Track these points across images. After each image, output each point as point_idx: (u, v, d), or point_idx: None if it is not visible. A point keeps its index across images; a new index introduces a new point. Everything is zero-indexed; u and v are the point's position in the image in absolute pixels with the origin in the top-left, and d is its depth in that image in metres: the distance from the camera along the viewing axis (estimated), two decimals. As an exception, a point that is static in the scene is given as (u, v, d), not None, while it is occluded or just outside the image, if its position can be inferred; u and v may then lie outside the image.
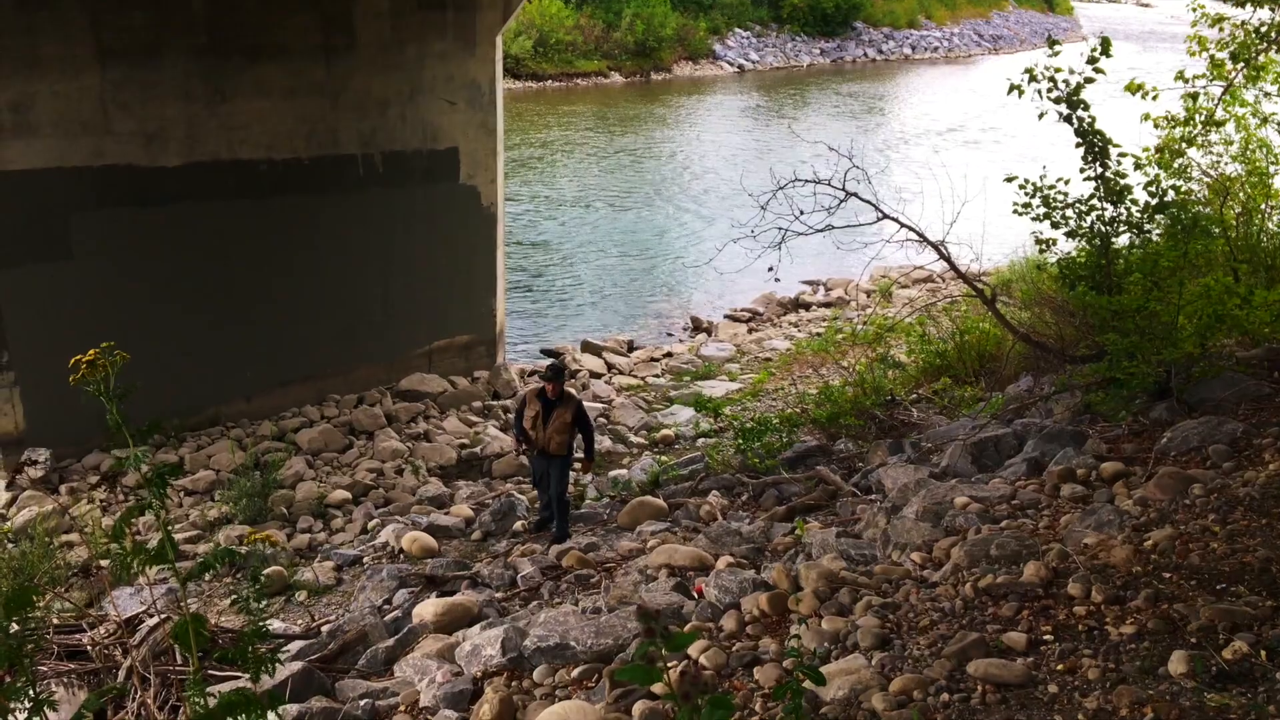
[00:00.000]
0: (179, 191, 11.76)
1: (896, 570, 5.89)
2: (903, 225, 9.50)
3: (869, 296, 19.10)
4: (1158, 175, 8.49)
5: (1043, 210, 8.23)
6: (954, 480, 7.60)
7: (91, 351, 2.85)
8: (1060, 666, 4.23)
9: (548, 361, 15.95)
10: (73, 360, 2.87)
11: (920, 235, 9.54)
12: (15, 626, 2.58)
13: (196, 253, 11.98)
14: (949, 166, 12.23)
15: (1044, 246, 8.55)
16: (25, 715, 2.51)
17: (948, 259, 9.62)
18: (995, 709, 4.02)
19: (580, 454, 9.85)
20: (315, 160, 12.67)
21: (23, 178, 10.77)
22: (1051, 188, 8.27)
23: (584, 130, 35.59)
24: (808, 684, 4.14)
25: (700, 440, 12.59)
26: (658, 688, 2.28)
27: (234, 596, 2.94)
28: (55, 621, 6.73)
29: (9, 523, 10.06)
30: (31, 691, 2.47)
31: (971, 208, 10.14)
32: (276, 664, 2.97)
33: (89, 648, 6.14)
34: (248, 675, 2.78)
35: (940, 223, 9.95)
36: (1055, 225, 8.24)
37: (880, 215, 9.57)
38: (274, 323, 12.58)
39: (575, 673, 5.35)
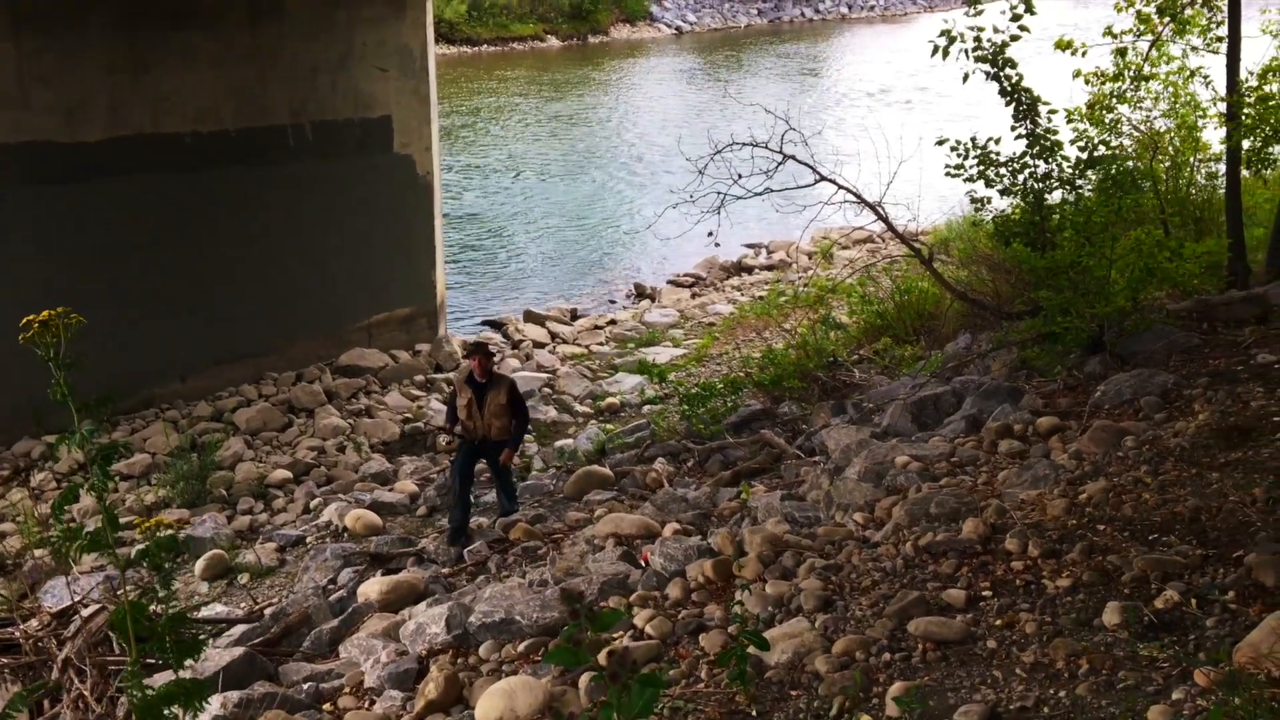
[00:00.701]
0: (102, 167, 11.41)
1: (839, 531, 5.94)
2: (840, 187, 9.52)
3: (810, 259, 19.18)
4: (1086, 131, 8.58)
5: (976, 170, 8.29)
6: (895, 440, 7.67)
7: (45, 312, 2.71)
8: (999, 622, 4.29)
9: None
10: (24, 320, 2.73)
11: (858, 196, 9.57)
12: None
13: (123, 230, 11.64)
14: (885, 127, 12.27)
15: (979, 205, 8.62)
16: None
17: (885, 219, 9.67)
18: (936, 666, 4.07)
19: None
20: (244, 131, 12.35)
21: (-65, 156, 10.38)
22: (983, 148, 8.32)
23: (520, 96, 35.17)
24: (752, 649, 4.17)
25: (645, 407, 12.58)
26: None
27: (139, 589, 2.84)
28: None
29: (-65, 514, 9.77)
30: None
31: (908, 167, 10.19)
32: (202, 649, 2.89)
33: (21, 641, 5.98)
34: (171, 665, 2.70)
35: (878, 183, 9.98)
36: (989, 184, 8.30)
37: (818, 177, 9.58)
38: (206, 300, 12.29)
39: (521, 647, 5.33)
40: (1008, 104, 8.15)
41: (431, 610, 6.04)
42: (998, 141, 8.35)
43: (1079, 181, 8.35)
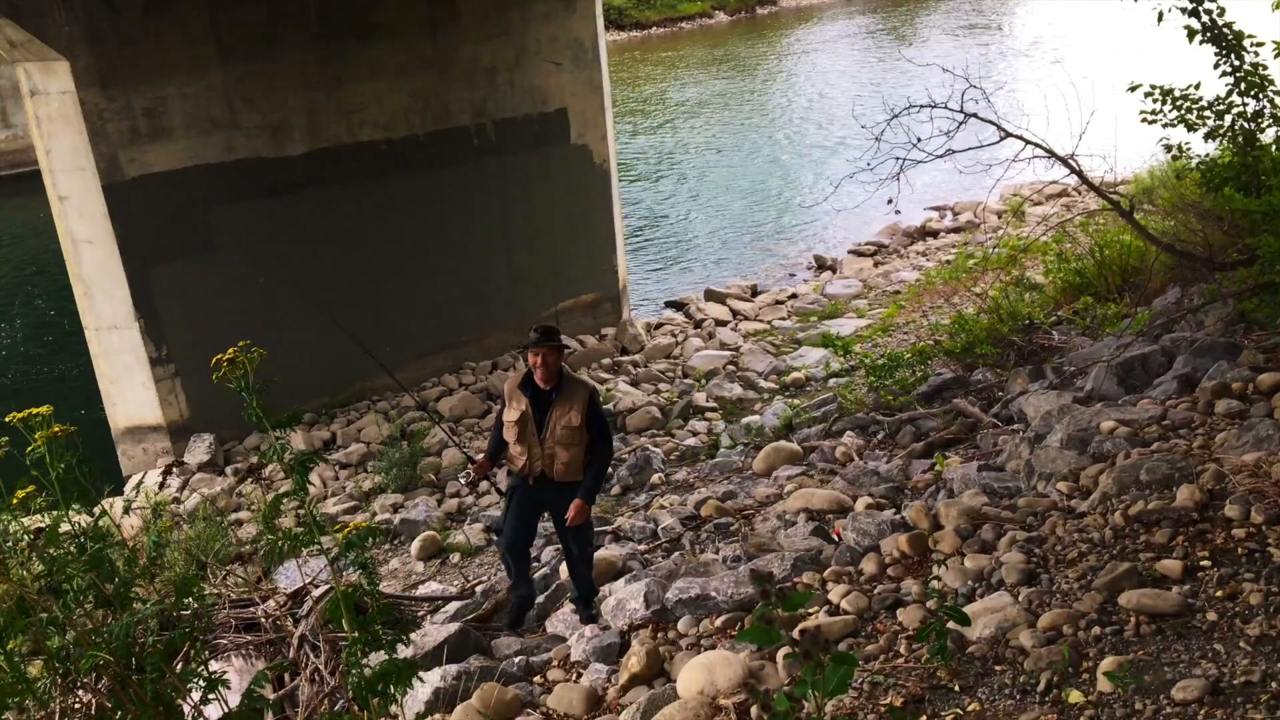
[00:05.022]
0: (306, 178, 12.21)
1: (1041, 502, 5.74)
2: (1028, 142, 9.10)
3: (999, 218, 18.43)
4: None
5: (1174, 115, 7.76)
6: (1099, 404, 7.33)
7: (231, 350, 3.01)
8: (1219, 593, 4.07)
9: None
10: (214, 359, 3.04)
11: (1048, 150, 9.12)
12: (187, 610, 2.77)
13: (328, 236, 12.44)
14: (1072, 79, 11.62)
15: (1178, 154, 8.07)
16: (200, 695, 2.72)
17: (1079, 172, 9.17)
18: (1150, 640, 3.90)
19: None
20: (431, 135, 12.95)
21: (164, 179, 11.37)
22: (1184, 94, 7.77)
23: (690, 75, 35.21)
24: (952, 624, 4.11)
25: (831, 381, 12.46)
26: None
27: (352, 587, 3.08)
28: (231, 597, 7.20)
29: (182, 505, 10.77)
30: (205, 671, 2.67)
31: (1101, 117, 9.62)
32: (411, 631, 3.11)
33: (262, 619, 6.55)
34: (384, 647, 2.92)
35: (1068, 135, 9.48)
36: (1191, 128, 7.76)
37: (1003, 134, 9.19)
38: (407, 297, 12.99)
39: (718, 622, 5.43)
40: (1204, 41, 7.57)
41: (630, 586, 6.22)
42: (1198, 86, 7.78)
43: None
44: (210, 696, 2.68)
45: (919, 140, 9.10)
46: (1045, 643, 4.05)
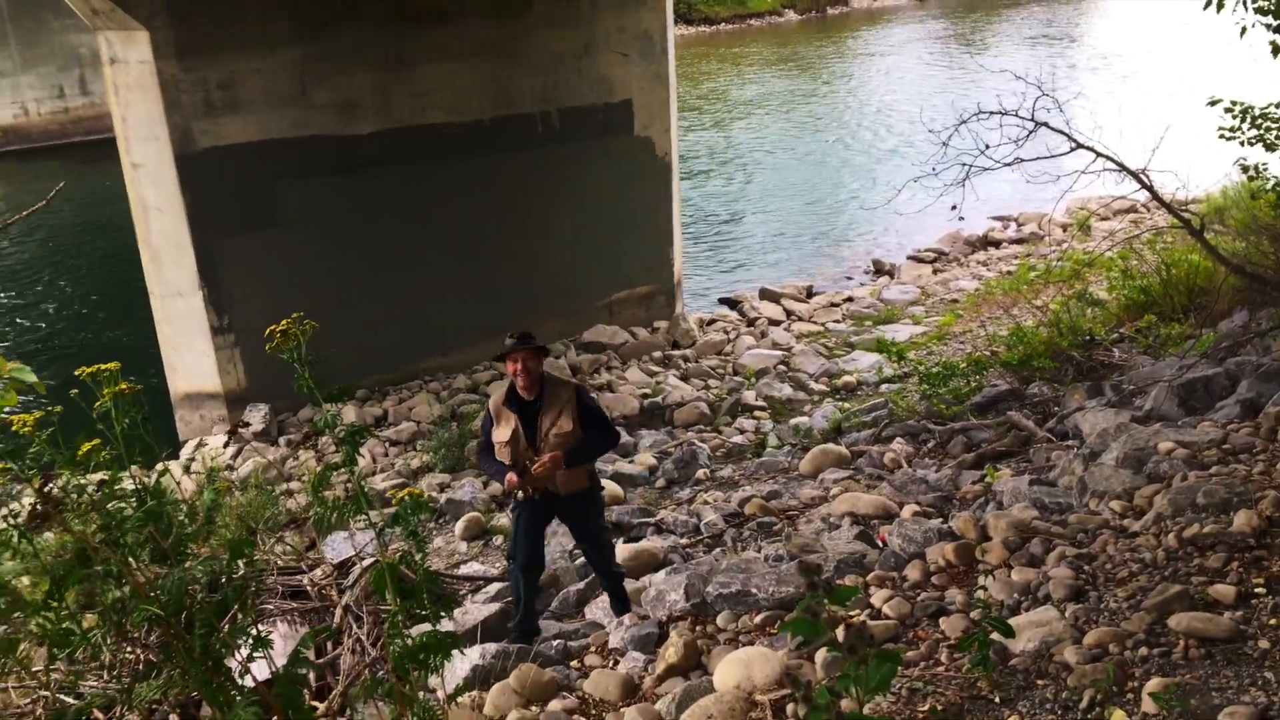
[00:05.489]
0: (372, 158, 12.35)
1: (1093, 519, 5.65)
2: (1099, 154, 8.93)
3: (1065, 231, 18.13)
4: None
5: (1254, 133, 7.58)
6: (1158, 424, 7.20)
7: (285, 321, 3.05)
8: (1273, 621, 3.98)
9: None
10: (267, 330, 3.09)
11: (1119, 164, 8.94)
12: (239, 572, 2.83)
13: (391, 216, 12.58)
14: (1147, 91, 11.39)
15: (1254, 174, 7.88)
16: (247, 652, 2.78)
17: (1149, 188, 8.99)
18: (1199, 664, 3.83)
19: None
20: (497, 120, 13.04)
21: (236, 151, 11.57)
22: (1264, 113, 7.58)
23: (757, 72, 35.05)
24: (995, 635, 4.07)
25: (883, 386, 12.35)
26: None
27: (401, 553, 3.11)
28: (279, 564, 7.33)
29: (235, 473, 10.98)
30: (253, 630, 2.73)
31: (1176, 133, 9.42)
32: (454, 605, 3.14)
33: (308, 588, 6.66)
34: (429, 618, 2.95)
35: (1141, 150, 9.30)
36: (1270, 147, 7.57)
37: (1074, 145, 9.03)
38: (468, 279, 13.10)
39: (758, 619, 5.42)
40: (1281, 57, 7.37)
41: (671, 579, 6.24)
42: (1279, 105, 7.59)
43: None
44: (257, 655, 2.74)
45: (986, 147, 8.99)
46: (1090, 660, 3.99)
